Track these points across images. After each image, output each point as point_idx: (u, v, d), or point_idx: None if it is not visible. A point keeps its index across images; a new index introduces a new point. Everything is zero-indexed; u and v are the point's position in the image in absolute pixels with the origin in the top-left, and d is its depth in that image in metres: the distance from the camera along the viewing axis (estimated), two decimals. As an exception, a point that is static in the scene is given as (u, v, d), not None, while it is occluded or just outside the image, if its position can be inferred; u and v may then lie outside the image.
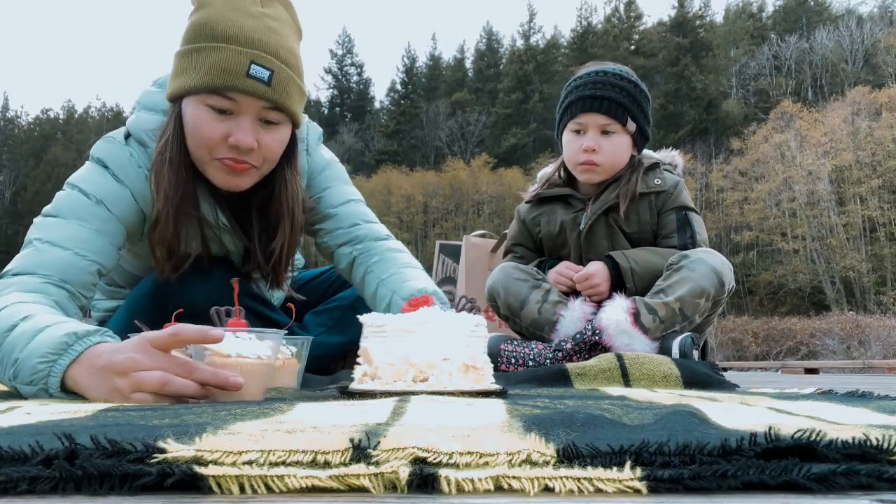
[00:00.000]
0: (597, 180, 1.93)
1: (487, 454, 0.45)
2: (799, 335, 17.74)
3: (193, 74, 1.21)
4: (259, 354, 0.94)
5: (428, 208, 45.72)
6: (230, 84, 1.18)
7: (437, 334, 0.99)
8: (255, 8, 1.24)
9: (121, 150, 1.32)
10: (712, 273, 1.69)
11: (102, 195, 1.27)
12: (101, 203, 1.26)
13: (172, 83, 1.27)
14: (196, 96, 1.22)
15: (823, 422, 0.65)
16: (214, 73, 1.19)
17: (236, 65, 1.18)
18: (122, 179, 1.30)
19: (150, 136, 1.32)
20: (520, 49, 59.00)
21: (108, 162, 1.30)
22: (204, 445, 0.44)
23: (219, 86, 1.19)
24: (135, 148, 1.33)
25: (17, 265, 1.17)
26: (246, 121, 1.22)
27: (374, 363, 1.00)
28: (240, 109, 1.22)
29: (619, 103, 1.87)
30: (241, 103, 1.21)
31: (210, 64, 1.19)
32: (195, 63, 1.21)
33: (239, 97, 1.21)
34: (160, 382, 0.85)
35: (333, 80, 66.20)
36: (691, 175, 35.77)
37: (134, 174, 1.31)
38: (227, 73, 1.18)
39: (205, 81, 1.19)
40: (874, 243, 31.14)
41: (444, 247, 3.65)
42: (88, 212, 1.24)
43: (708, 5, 53.94)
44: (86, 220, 1.23)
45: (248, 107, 1.22)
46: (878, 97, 31.46)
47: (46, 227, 1.22)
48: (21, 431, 0.54)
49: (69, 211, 1.24)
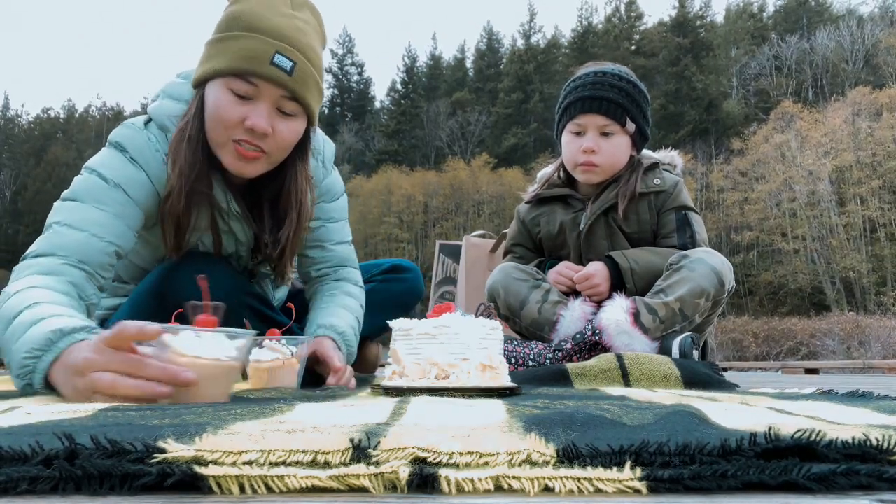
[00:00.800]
0: (596, 181, 1.93)
1: (487, 454, 0.45)
2: (799, 335, 17.73)
3: (220, 59, 1.27)
4: (222, 355, 0.90)
5: (428, 208, 45.72)
6: (253, 69, 1.24)
7: (457, 337, 1.09)
8: (286, 9, 1.29)
9: (139, 134, 1.35)
10: (712, 273, 1.69)
11: (120, 179, 1.29)
12: (118, 187, 1.29)
13: (199, 69, 1.32)
14: (221, 79, 1.27)
15: (823, 422, 0.65)
16: (240, 59, 1.25)
17: (261, 52, 1.24)
18: (139, 163, 1.33)
19: (172, 122, 1.36)
20: (520, 49, 59.00)
21: (126, 146, 1.33)
22: (204, 445, 0.44)
23: (243, 70, 1.25)
24: (154, 133, 1.36)
25: (38, 247, 1.20)
26: (264, 106, 1.27)
27: (402, 363, 1.12)
28: (259, 95, 1.27)
29: (619, 104, 1.87)
30: (261, 89, 1.26)
31: (237, 50, 1.25)
32: (223, 49, 1.27)
33: (260, 83, 1.26)
34: (109, 385, 0.85)
35: (334, 79, 66.22)
36: (691, 175, 35.78)
37: (152, 158, 1.34)
38: (251, 60, 1.24)
39: (230, 65, 1.25)
40: (874, 244, 31.14)
41: (444, 247, 3.65)
42: (106, 195, 1.27)
43: (708, 5, 53.93)
44: (104, 204, 1.26)
45: (268, 94, 1.27)
46: (878, 97, 31.45)
47: (65, 210, 1.25)
48: (21, 431, 0.54)
49: (87, 195, 1.27)
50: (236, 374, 0.95)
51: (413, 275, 1.81)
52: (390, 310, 1.63)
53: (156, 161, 1.34)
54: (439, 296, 3.56)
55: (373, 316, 1.69)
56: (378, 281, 1.77)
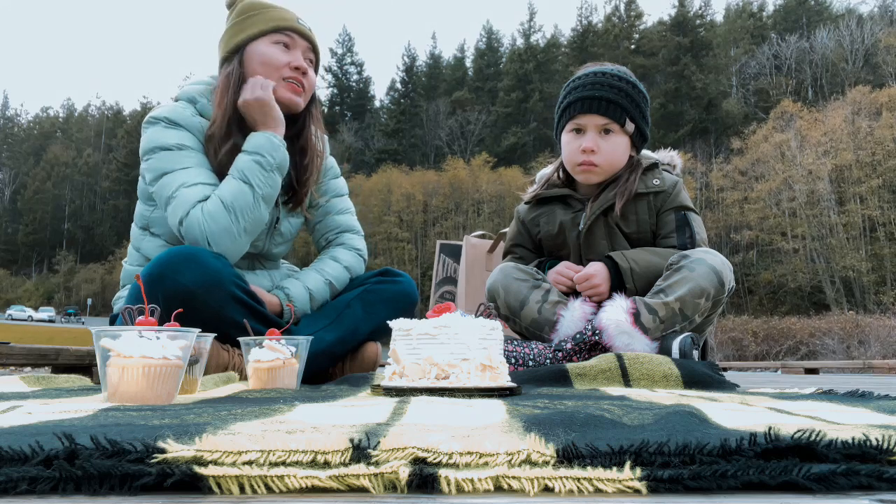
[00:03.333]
0: (595, 181, 1.93)
1: (487, 454, 0.45)
2: (799, 335, 17.74)
3: (257, 26, 1.69)
4: (166, 355, 0.90)
5: (428, 207, 45.71)
6: (289, 25, 1.71)
7: (456, 337, 1.09)
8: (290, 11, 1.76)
9: (175, 105, 1.67)
10: (712, 273, 1.69)
11: (182, 141, 1.61)
12: (182, 147, 1.61)
13: (231, 41, 1.70)
14: (262, 38, 1.69)
15: (823, 422, 0.65)
16: (275, 20, 1.70)
17: (289, 16, 1.73)
18: (183, 125, 1.63)
19: (199, 94, 1.71)
20: (520, 48, 58.98)
21: (169, 116, 1.63)
22: (204, 445, 0.44)
23: (281, 27, 1.70)
24: (185, 104, 1.68)
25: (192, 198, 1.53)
26: (299, 53, 1.72)
27: (402, 363, 1.12)
28: (295, 45, 1.72)
29: (618, 104, 1.86)
30: (295, 41, 1.72)
31: (270, 17, 1.71)
32: (255, 21, 1.70)
33: (294, 35, 1.71)
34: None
35: (333, 78, 66.16)
36: (691, 175, 35.79)
37: (189, 120, 1.65)
38: (284, 20, 1.71)
39: (269, 26, 1.69)
40: (874, 243, 31.15)
41: (444, 246, 3.65)
42: (183, 157, 1.59)
43: (708, 5, 53.95)
44: (188, 163, 1.59)
45: (300, 45, 1.72)
46: (878, 97, 31.47)
47: (170, 182, 1.56)
48: (21, 431, 0.54)
49: (173, 164, 1.58)
50: (181, 373, 0.94)
51: (405, 279, 1.83)
52: (387, 309, 1.68)
53: (192, 122, 1.64)
54: (439, 296, 3.56)
55: (370, 316, 1.72)
56: (372, 282, 1.79)
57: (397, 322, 1.16)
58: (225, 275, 1.47)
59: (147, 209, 1.70)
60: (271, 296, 1.68)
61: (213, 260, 1.46)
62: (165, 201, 1.56)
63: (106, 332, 0.90)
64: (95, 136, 76.33)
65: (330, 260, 1.83)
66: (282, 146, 1.61)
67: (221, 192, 1.54)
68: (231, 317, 1.45)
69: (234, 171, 1.57)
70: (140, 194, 1.72)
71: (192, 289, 1.40)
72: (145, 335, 0.90)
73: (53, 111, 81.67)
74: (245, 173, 1.56)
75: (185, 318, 1.02)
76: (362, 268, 1.88)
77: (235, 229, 1.53)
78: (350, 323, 1.70)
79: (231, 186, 1.55)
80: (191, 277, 1.40)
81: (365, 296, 1.75)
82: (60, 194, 69.90)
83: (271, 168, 1.58)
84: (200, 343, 1.11)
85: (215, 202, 1.53)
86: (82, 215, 70.73)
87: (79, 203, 71.14)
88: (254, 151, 1.58)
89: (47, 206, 70.04)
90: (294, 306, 1.68)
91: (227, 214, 1.52)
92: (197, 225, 1.51)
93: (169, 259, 1.42)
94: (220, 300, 1.44)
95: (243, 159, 1.58)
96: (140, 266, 1.68)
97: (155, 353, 0.89)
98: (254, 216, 1.56)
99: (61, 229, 70.84)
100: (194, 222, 1.51)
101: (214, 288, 1.44)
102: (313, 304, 1.73)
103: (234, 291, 1.48)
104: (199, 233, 1.51)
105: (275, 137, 1.60)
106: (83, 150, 73.90)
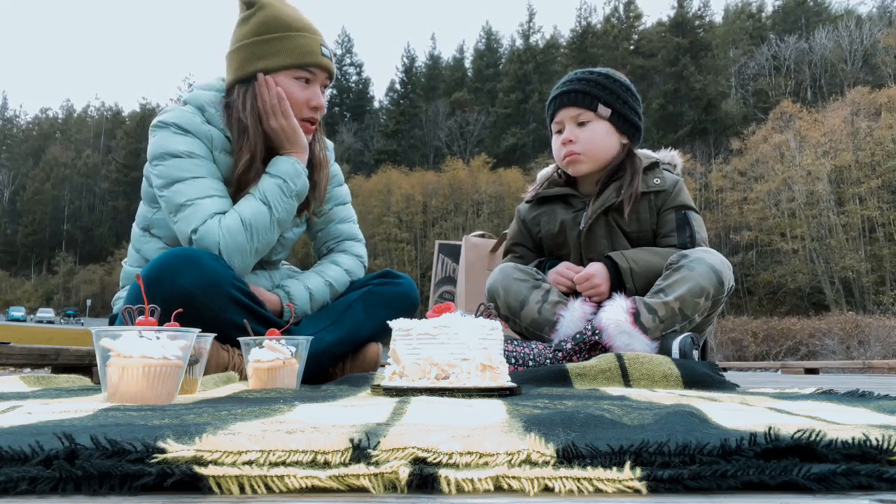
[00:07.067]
0: (584, 169, 1.94)
1: (487, 454, 0.45)
2: (798, 335, 17.72)
3: (280, 57, 1.64)
4: (166, 355, 0.90)
5: (427, 208, 45.71)
6: (314, 62, 1.66)
7: (456, 337, 1.10)
8: (291, 4, 1.69)
9: (183, 111, 1.64)
10: (712, 272, 1.69)
11: (192, 149, 1.59)
12: (193, 155, 1.58)
13: (249, 65, 1.64)
14: (286, 72, 1.64)
15: (823, 422, 0.65)
16: (301, 55, 1.64)
17: (314, 47, 1.66)
18: (193, 133, 1.61)
19: (208, 103, 1.66)
20: (519, 49, 59.02)
21: (179, 122, 1.60)
22: (204, 445, 0.44)
23: (307, 63, 1.65)
24: (194, 111, 1.65)
25: (209, 209, 1.53)
26: (318, 88, 1.69)
27: (402, 363, 1.12)
28: (315, 79, 1.68)
29: (586, 93, 1.92)
30: (316, 75, 1.68)
31: (294, 47, 1.64)
32: (278, 49, 1.64)
33: (316, 70, 1.67)
34: None
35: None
36: (691, 175, 35.80)
37: (199, 128, 1.62)
38: (309, 54, 1.65)
39: (295, 60, 1.64)
40: (873, 243, 31.17)
41: (443, 247, 3.65)
42: (195, 165, 1.57)
43: (707, 5, 53.99)
44: (201, 172, 1.57)
45: (319, 77, 1.69)
46: (877, 97, 31.48)
47: (185, 190, 1.54)
48: (21, 431, 0.54)
49: (185, 172, 1.56)
50: (181, 373, 0.95)
51: (406, 281, 1.84)
52: (389, 311, 1.67)
53: (201, 129, 1.62)
54: (439, 296, 3.56)
55: (372, 317, 1.72)
56: (374, 284, 1.80)
57: (397, 322, 1.16)
58: (224, 276, 1.47)
59: (150, 211, 1.69)
60: (272, 294, 1.68)
61: (211, 262, 1.46)
62: (176, 208, 1.55)
63: (106, 332, 0.90)
64: (94, 137, 76.31)
65: (330, 263, 1.84)
66: (304, 174, 1.64)
67: (242, 210, 1.55)
68: (230, 318, 1.45)
69: (256, 191, 1.59)
70: (144, 196, 1.71)
71: (190, 291, 1.40)
72: (145, 335, 0.90)
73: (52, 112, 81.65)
74: (267, 196, 1.58)
75: (185, 320, 1.02)
76: (362, 273, 1.88)
77: (249, 248, 1.55)
78: (351, 324, 1.71)
79: (252, 206, 1.56)
80: (190, 279, 1.40)
81: (367, 297, 1.76)
82: (59, 195, 69.86)
83: (291, 194, 1.61)
84: (200, 343, 1.10)
85: (235, 219, 1.54)
86: (81, 216, 70.70)
87: (78, 204, 71.12)
88: (278, 175, 1.60)
89: (46, 207, 70.02)
90: (294, 306, 1.67)
91: (244, 233, 1.54)
92: (212, 237, 1.51)
93: (167, 261, 1.42)
94: (219, 302, 1.44)
95: (267, 182, 1.60)
96: (140, 267, 1.67)
97: (155, 353, 0.89)
98: (267, 238, 1.59)
99: (60, 230, 70.84)
100: (211, 234, 1.51)
101: (213, 290, 1.43)
102: (313, 304, 1.73)
103: (232, 293, 1.48)
104: (212, 245, 1.51)
105: (298, 164, 1.63)
106: (82, 151, 73.86)
